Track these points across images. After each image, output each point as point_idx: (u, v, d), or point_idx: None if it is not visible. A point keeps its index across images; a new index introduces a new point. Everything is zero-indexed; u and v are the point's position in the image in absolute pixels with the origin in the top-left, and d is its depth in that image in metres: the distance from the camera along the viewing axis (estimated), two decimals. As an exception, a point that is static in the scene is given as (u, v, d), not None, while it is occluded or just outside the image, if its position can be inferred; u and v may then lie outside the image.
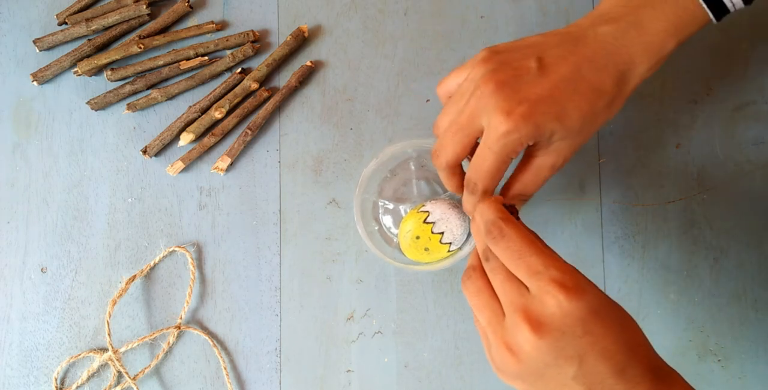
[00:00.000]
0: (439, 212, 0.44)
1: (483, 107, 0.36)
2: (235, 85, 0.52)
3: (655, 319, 0.50)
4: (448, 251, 0.45)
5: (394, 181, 0.49)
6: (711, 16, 0.37)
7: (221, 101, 0.52)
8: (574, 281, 0.33)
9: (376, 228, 0.49)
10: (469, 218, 0.44)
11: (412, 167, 0.49)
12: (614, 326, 0.33)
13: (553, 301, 0.32)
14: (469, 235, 0.46)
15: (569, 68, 0.36)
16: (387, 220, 0.49)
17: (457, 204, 0.45)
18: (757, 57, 0.51)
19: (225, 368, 0.50)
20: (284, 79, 0.53)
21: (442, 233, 0.44)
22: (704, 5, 0.36)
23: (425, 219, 0.44)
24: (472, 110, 0.36)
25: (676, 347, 0.50)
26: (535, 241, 0.35)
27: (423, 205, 0.45)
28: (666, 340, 0.50)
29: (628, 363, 0.32)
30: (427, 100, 0.52)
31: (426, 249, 0.45)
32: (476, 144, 0.38)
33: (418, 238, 0.44)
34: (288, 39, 0.52)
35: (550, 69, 0.36)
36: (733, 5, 0.37)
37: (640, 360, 0.33)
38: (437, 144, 0.39)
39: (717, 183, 0.50)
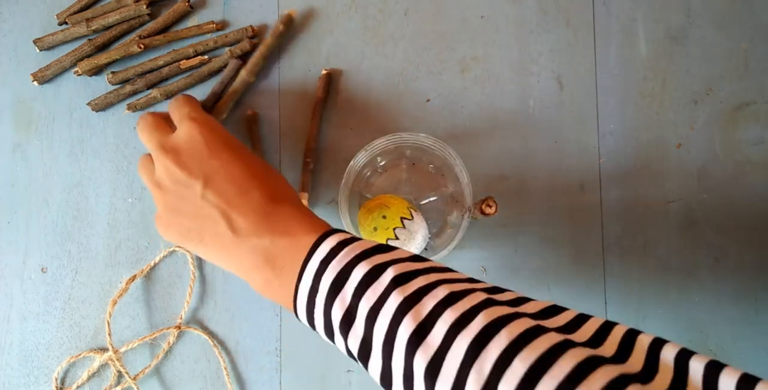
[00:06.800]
0: (407, 237, 0.45)
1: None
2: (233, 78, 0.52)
3: (655, 319, 0.50)
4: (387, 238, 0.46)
5: (383, 178, 0.49)
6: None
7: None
8: (202, 117, 0.41)
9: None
10: (421, 242, 0.46)
11: (404, 166, 0.49)
12: (242, 161, 0.40)
13: (182, 129, 0.41)
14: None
15: None
16: None
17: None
18: (757, 57, 0.51)
19: (225, 368, 0.50)
20: (279, 73, 0.53)
21: (395, 239, 0.45)
22: None
23: (391, 236, 0.45)
24: None
25: (676, 347, 0.50)
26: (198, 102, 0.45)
27: (399, 226, 0.45)
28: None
29: (250, 188, 0.39)
30: (428, 100, 0.52)
31: (375, 229, 0.46)
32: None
33: (375, 229, 0.46)
34: (279, 27, 0.52)
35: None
36: None
37: (264, 189, 0.39)
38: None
39: (717, 183, 0.50)
